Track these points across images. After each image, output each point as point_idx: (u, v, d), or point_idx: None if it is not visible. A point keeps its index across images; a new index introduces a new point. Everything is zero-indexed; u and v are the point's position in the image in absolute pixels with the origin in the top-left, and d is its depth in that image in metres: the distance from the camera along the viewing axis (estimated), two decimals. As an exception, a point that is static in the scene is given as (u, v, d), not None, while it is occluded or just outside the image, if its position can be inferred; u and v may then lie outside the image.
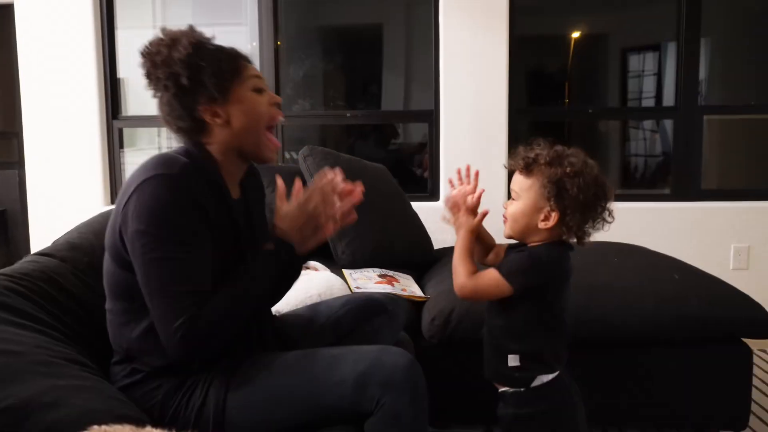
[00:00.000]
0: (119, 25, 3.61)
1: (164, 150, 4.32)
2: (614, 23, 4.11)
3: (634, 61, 4.14)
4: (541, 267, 1.38)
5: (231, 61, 1.36)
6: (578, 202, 1.33)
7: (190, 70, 1.30)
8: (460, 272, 1.42)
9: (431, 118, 3.47)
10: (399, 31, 4.08)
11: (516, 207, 1.41)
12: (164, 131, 4.27)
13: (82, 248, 1.60)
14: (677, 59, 3.47)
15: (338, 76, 4.10)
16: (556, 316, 1.42)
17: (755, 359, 2.12)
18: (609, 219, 1.38)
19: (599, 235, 1.44)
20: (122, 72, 3.66)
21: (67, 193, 3.53)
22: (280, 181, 1.41)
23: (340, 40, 4.17)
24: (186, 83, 1.31)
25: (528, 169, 1.39)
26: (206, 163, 1.35)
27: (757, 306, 2.04)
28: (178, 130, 1.38)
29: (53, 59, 3.48)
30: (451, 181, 1.54)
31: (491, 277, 1.39)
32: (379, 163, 2.93)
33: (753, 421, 2.13)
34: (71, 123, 3.51)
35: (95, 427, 0.82)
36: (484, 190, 1.48)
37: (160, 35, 1.35)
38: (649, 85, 4.07)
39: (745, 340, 2.06)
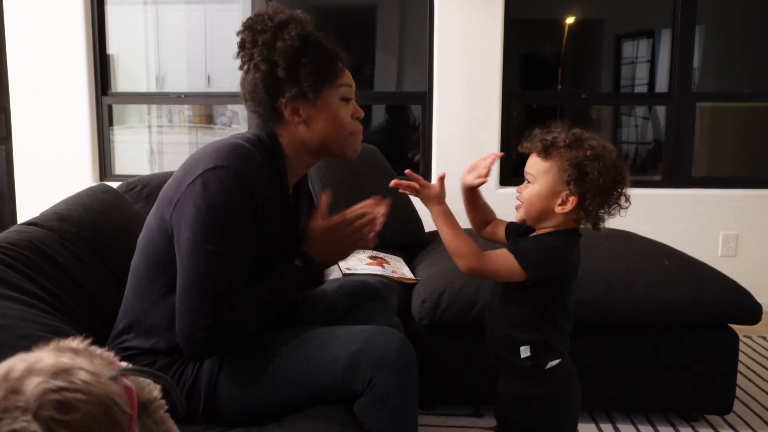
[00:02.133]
0: (109, 0, 3.55)
1: (154, 128, 4.29)
2: (609, 9, 4.10)
3: (628, 48, 4.13)
4: (560, 260, 1.36)
5: (330, 63, 1.32)
6: (598, 186, 1.30)
7: (289, 64, 1.27)
8: (465, 252, 1.36)
9: (424, 99, 3.45)
10: (393, 11, 4.05)
11: (532, 190, 1.36)
12: (155, 109, 4.23)
13: (69, 219, 1.56)
14: (672, 46, 3.46)
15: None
16: (566, 306, 1.41)
17: (741, 345, 2.13)
18: (625, 204, 1.35)
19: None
20: (112, 48, 3.61)
21: (55, 170, 3.49)
22: (324, 199, 1.42)
23: (333, 19, 4.12)
24: (281, 75, 1.27)
25: (546, 152, 1.34)
26: (275, 155, 1.33)
27: (745, 293, 2.05)
28: (254, 112, 1.34)
29: (42, 34, 3.42)
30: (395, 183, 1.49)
31: (504, 259, 1.35)
32: (370, 144, 2.91)
33: (737, 405, 2.16)
34: (60, 99, 3.47)
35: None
36: (444, 174, 1.46)
37: (270, 12, 1.31)
38: (642, 71, 4.07)
39: (731, 326, 2.08)
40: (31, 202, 3.48)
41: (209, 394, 1.28)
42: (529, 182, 1.38)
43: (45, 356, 0.73)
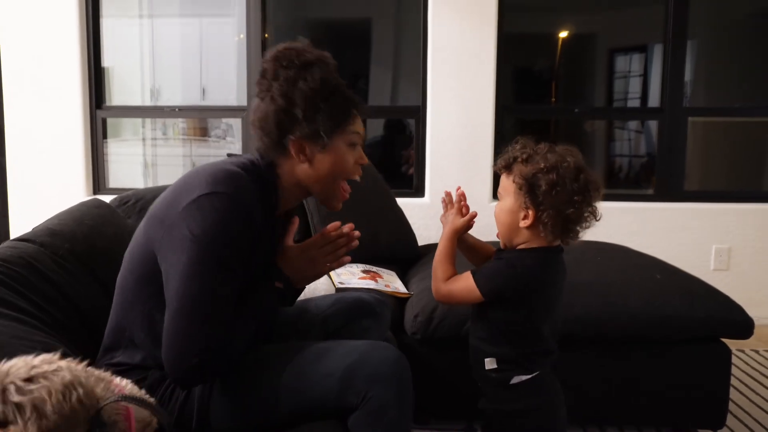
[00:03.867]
0: (104, 13, 3.56)
1: (148, 141, 4.29)
2: (602, 24, 4.13)
3: (621, 62, 4.16)
4: (515, 276, 1.36)
5: (345, 110, 1.33)
6: (551, 198, 1.30)
7: (307, 107, 1.28)
8: (438, 275, 1.44)
9: (418, 114, 3.47)
10: (387, 26, 4.07)
11: (499, 207, 1.41)
12: (149, 122, 4.23)
13: (62, 234, 1.56)
14: (663, 61, 3.49)
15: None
16: (530, 325, 1.40)
17: (734, 359, 2.14)
18: (594, 216, 1.35)
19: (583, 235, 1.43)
20: (107, 61, 3.62)
21: (49, 184, 3.48)
22: (296, 220, 1.44)
23: (328, 33, 4.15)
24: (298, 115, 1.28)
25: (508, 169, 1.38)
26: (269, 182, 1.33)
27: (737, 307, 2.06)
28: (259, 140, 1.35)
29: (37, 47, 3.43)
30: (447, 193, 1.53)
31: (465, 282, 1.40)
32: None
33: (730, 419, 2.16)
34: (54, 112, 3.47)
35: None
36: (476, 213, 1.47)
37: (298, 47, 1.33)
38: (635, 85, 4.10)
39: (724, 340, 2.09)
40: (25, 215, 3.47)
41: (202, 408, 1.27)
42: (499, 200, 1.42)
43: (42, 358, 0.84)
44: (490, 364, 1.40)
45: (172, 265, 1.22)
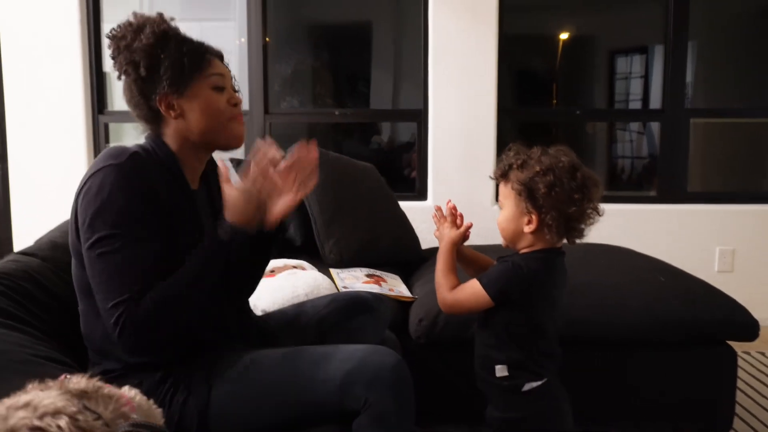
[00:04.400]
0: (105, 18, 3.57)
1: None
2: (602, 25, 4.13)
3: (622, 63, 4.16)
4: (522, 278, 1.37)
5: (194, 55, 1.34)
6: (551, 199, 1.32)
7: (148, 60, 1.30)
8: (442, 287, 1.44)
9: (420, 117, 3.46)
10: (388, 29, 4.07)
11: (502, 216, 1.42)
12: (150, 127, 4.23)
13: (64, 248, 1.58)
14: (664, 62, 3.49)
15: (327, 73, 4.09)
16: (536, 325, 1.40)
17: (739, 361, 2.13)
18: (596, 212, 1.36)
19: (586, 237, 1.43)
20: (108, 66, 3.62)
21: (51, 189, 3.48)
22: (221, 164, 1.38)
23: (329, 37, 4.15)
24: (144, 73, 1.31)
25: (505, 177, 1.40)
26: (161, 153, 1.34)
27: (742, 309, 2.05)
28: (137, 117, 1.38)
29: (38, 52, 3.43)
30: (438, 208, 1.53)
31: (471, 288, 1.40)
32: (367, 162, 2.92)
33: (737, 422, 2.15)
34: (56, 117, 3.47)
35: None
36: (471, 224, 1.49)
37: (130, 19, 1.35)
38: (636, 87, 4.10)
39: (729, 342, 2.08)
40: (27, 222, 3.47)
41: (201, 415, 1.27)
42: (500, 208, 1.43)
43: (46, 396, 0.81)
44: (501, 371, 1.39)
45: (84, 252, 1.24)
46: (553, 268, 1.41)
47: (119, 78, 1.37)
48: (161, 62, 1.31)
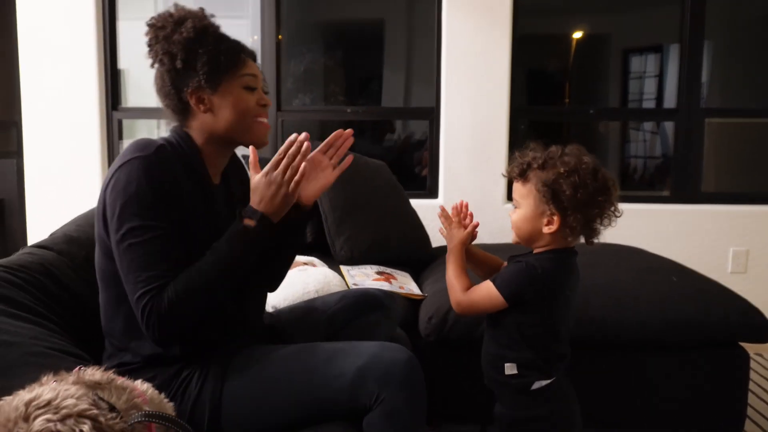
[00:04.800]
0: (120, 16, 3.59)
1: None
2: (616, 24, 4.10)
3: (636, 62, 4.13)
4: (536, 278, 1.36)
5: (230, 53, 1.36)
6: (576, 201, 1.31)
7: (186, 54, 1.32)
8: (455, 288, 1.43)
9: (432, 115, 3.46)
10: (401, 27, 4.07)
11: (518, 215, 1.39)
12: (164, 123, 4.26)
13: (79, 241, 1.61)
14: (680, 61, 3.46)
15: (339, 71, 4.09)
16: (550, 327, 1.40)
17: (752, 363, 2.11)
18: (616, 213, 1.35)
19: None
20: (123, 63, 3.65)
21: (65, 184, 3.51)
22: (252, 151, 1.39)
23: (341, 35, 4.15)
24: (180, 65, 1.32)
25: (523, 176, 1.37)
26: (186, 147, 1.36)
27: (755, 310, 2.03)
28: (165, 107, 1.40)
29: (54, 49, 3.46)
30: (443, 209, 1.53)
31: (485, 289, 1.39)
32: (378, 159, 2.92)
33: (748, 424, 2.13)
34: (71, 113, 3.50)
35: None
36: (478, 223, 1.49)
37: (171, 10, 1.37)
38: (650, 86, 4.07)
39: (742, 344, 2.06)
40: (41, 216, 3.50)
41: (213, 410, 1.28)
42: (516, 207, 1.40)
43: (68, 394, 0.81)
44: (510, 369, 1.39)
45: (113, 244, 1.26)
46: (566, 269, 1.40)
47: (152, 66, 1.39)
48: (198, 57, 1.32)
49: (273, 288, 1.56)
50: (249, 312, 1.46)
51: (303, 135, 1.34)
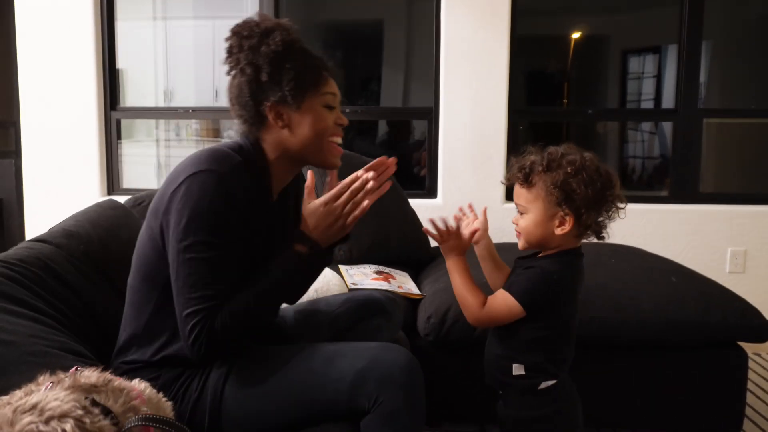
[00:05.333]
0: (119, 16, 3.59)
1: (162, 142, 4.32)
2: (615, 25, 4.10)
3: (634, 63, 4.13)
4: (553, 284, 1.35)
5: (314, 70, 1.35)
6: (589, 198, 1.30)
7: (272, 68, 1.30)
8: (470, 303, 1.38)
9: (430, 115, 3.46)
10: (400, 27, 4.07)
11: (527, 221, 1.36)
12: (162, 123, 4.26)
13: (78, 236, 1.58)
14: (678, 62, 3.46)
15: (338, 71, 4.09)
16: (565, 329, 1.40)
17: (750, 363, 2.12)
18: (621, 206, 1.35)
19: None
20: (121, 63, 3.64)
21: (63, 184, 3.51)
22: (310, 176, 1.41)
23: (340, 35, 4.15)
24: (264, 78, 1.30)
25: (528, 180, 1.35)
26: (257, 161, 1.34)
27: (754, 310, 2.04)
28: (239, 117, 1.37)
29: (52, 49, 3.46)
30: (456, 218, 1.48)
31: (502, 301, 1.35)
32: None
33: (747, 424, 2.13)
34: (69, 113, 3.50)
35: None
36: (478, 229, 1.45)
37: (256, 18, 1.35)
38: (648, 87, 4.07)
39: (740, 343, 2.06)
40: (40, 216, 3.50)
41: (214, 410, 1.28)
42: (521, 213, 1.38)
43: (55, 397, 0.82)
44: (518, 370, 1.37)
45: (169, 252, 1.25)
46: (577, 270, 1.39)
47: (228, 73, 1.36)
48: (284, 72, 1.30)
49: (294, 302, 1.56)
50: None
51: (371, 174, 1.32)
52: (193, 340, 1.21)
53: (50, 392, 0.84)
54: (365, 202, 1.31)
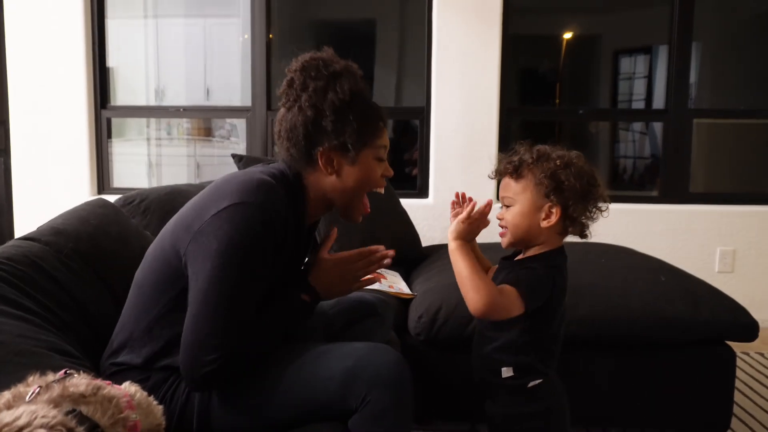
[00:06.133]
0: (109, 14, 3.58)
1: (153, 141, 4.30)
2: (606, 25, 4.12)
3: (626, 63, 4.15)
4: (553, 285, 1.34)
5: (374, 123, 1.34)
6: (576, 191, 1.31)
7: (336, 117, 1.28)
8: (482, 288, 1.30)
9: (422, 114, 3.47)
10: (392, 27, 4.07)
11: (514, 212, 1.36)
12: (153, 122, 4.25)
13: (66, 234, 1.56)
14: (668, 62, 3.48)
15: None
16: (553, 330, 1.40)
17: (738, 361, 2.13)
18: (604, 206, 1.36)
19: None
20: (112, 61, 3.63)
21: (53, 183, 3.49)
22: (334, 231, 1.43)
23: (332, 34, 4.15)
24: (328, 127, 1.29)
25: (518, 172, 1.36)
26: (297, 195, 1.33)
27: (742, 309, 2.05)
28: (286, 150, 1.34)
29: (42, 47, 3.44)
30: (453, 203, 1.50)
31: (508, 297, 1.32)
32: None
33: (734, 422, 2.15)
34: (59, 112, 3.48)
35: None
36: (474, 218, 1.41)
37: (324, 56, 1.33)
38: (639, 87, 4.09)
39: (728, 342, 2.08)
40: (29, 215, 3.48)
41: (202, 411, 1.27)
42: (507, 206, 1.38)
43: (42, 416, 0.79)
44: (507, 372, 1.37)
45: (196, 271, 1.22)
46: (565, 271, 1.40)
47: (286, 107, 1.33)
48: (348, 125, 1.29)
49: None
50: None
51: (391, 251, 1.39)
52: (202, 379, 1.21)
53: (39, 409, 0.81)
54: (375, 274, 1.40)
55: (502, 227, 1.41)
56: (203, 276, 1.21)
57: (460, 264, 1.34)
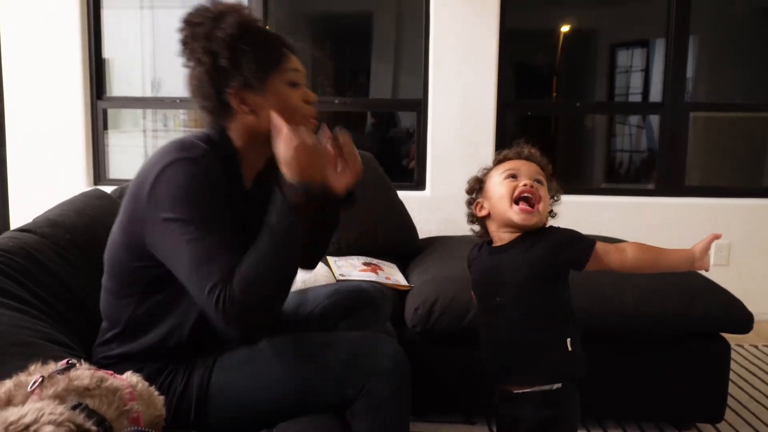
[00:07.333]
0: (105, 4, 3.56)
1: (149, 132, 4.29)
2: (603, 19, 4.12)
3: (622, 57, 4.16)
4: None
5: (274, 49, 1.30)
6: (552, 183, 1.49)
7: (230, 52, 1.25)
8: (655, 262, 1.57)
9: (419, 107, 3.46)
10: (389, 19, 4.06)
11: (544, 191, 1.45)
12: (149, 113, 4.23)
13: (62, 225, 1.56)
14: (665, 56, 3.48)
15: (327, 63, 4.08)
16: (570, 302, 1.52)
17: (733, 354, 2.14)
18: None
19: (584, 229, 1.45)
20: (107, 52, 3.61)
21: (49, 174, 3.48)
22: (275, 119, 1.28)
23: (329, 27, 4.14)
24: (224, 64, 1.25)
25: (542, 167, 1.49)
26: (225, 150, 1.30)
27: (736, 302, 2.06)
28: (202, 108, 1.32)
29: (37, 37, 3.42)
30: None
31: (602, 246, 1.47)
32: (366, 151, 2.92)
33: (729, 413, 2.16)
34: (55, 103, 3.46)
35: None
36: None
37: (207, 5, 1.29)
38: (636, 81, 4.10)
39: (723, 335, 2.09)
40: (25, 206, 3.46)
41: (200, 401, 1.27)
42: (541, 183, 1.45)
43: (49, 414, 0.79)
44: (572, 344, 1.44)
45: (164, 245, 1.21)
46: None
47: (186, 64, 1.31)
48: (244, 55, 1.25)
49: (312, 266, 1.56)
50: None
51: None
52: (223, 313, 1.14)
53: (45, 405, 0.81)
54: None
55: (533, 202, 1.40)
56: (168, 245, 1.19)
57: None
